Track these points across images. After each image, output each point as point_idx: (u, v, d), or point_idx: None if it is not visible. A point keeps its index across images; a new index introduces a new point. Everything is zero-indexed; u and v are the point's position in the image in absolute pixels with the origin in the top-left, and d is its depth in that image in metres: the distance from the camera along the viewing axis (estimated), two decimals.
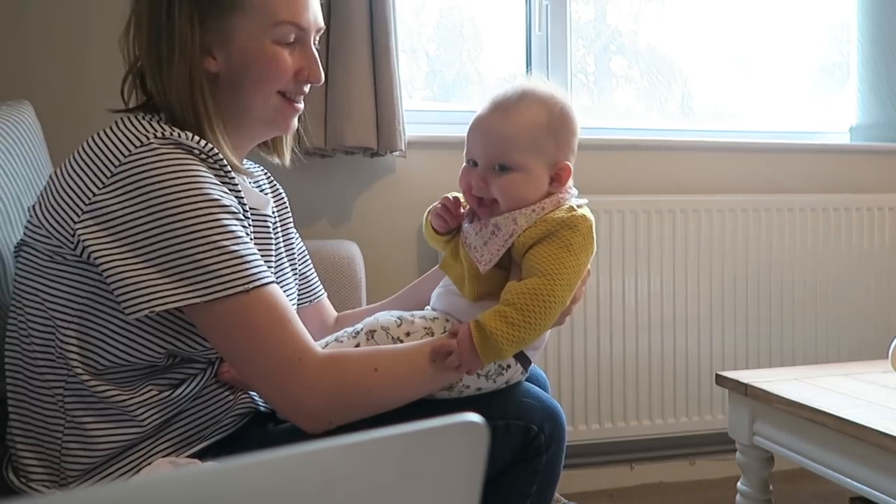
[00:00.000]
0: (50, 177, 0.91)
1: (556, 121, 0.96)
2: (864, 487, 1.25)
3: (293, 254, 1.16)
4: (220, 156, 0.88)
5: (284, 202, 1.17)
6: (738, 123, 2.34)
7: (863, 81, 2.33)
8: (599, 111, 2.23)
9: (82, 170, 0.86)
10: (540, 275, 0.89)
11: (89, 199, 0.84)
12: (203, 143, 0.87)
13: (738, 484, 1.56)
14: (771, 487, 1.54)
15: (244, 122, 0.98)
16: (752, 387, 1.47)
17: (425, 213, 1.07)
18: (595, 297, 1.95)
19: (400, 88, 1.75)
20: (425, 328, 0.96)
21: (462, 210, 1.02)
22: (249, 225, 0.90)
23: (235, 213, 0.86)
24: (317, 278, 1.21)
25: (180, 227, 0.81)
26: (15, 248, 0.94)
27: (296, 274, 1.15)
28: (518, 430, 0.93)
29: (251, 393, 0.96)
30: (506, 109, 0.95)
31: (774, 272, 2.08)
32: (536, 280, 0.89)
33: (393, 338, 0.94)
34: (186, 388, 0.91)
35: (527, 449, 0.94)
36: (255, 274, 0.83)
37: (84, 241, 0.83)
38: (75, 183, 0.86)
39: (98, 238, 0.83)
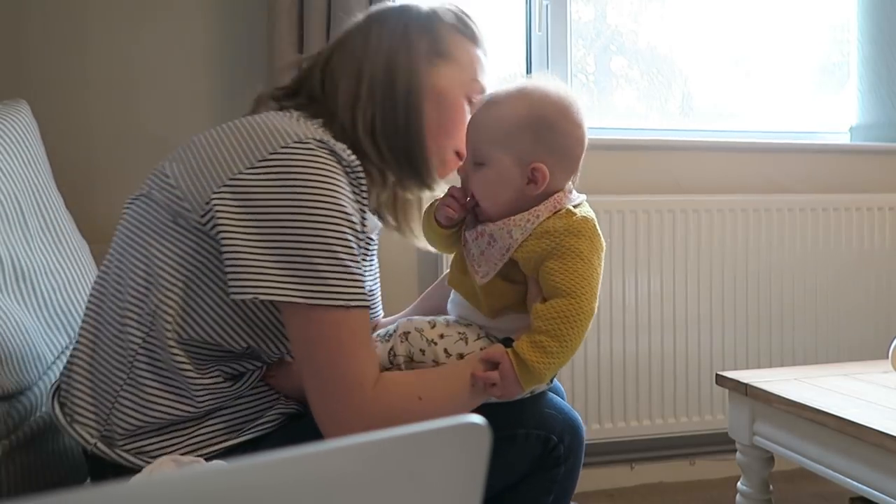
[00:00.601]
0: (192, 139, 0.93)
1: (538, 117, 0.91)
2: (865, 487, 1.25)
3: (371, 270, 1.16)
4: (362, 173, 0.89)
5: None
6: (738, 123, 2.34)
7: (863, 81, 2.33)
8: (599, 111, 2.23)
9: (232, 145, 0.87)
10: (563, 295, 0.87)
11: (232, 173, 0.85)
12: (353, 156, 0.89)
13: (739, 484, 1.56)
14: (771, 487, 1.54)
15: (410, 160, 0.99)
16: (752, 387, 1.47)
17: (424, 209, 1.06)
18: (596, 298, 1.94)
19: None
20: (459, 333, 0.95)
21: (468, 199, 1.01)
22: (363, 246, 0.91)
23: (358, 231, 0.87)
24: (379, 297, 1.22)
25: (309, 229, 0.83)
26: (130, 199, 0.95)
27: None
28: (538, 440, 0.95)
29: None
30: (493, 103, 0.94)
31: (774, 272, 2.08)
32: (562, 302, 0.87)
33: (427, 339, 0.94)
34: (244, 382, 0.92)
35: (546, 459, 0.96)
36: (358, 294, 0.84)
37: (216, 211, 0.84)
38: (222, 155, 0.87)
39: (230, 212, 0.84)
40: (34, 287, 1.15)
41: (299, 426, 0.94)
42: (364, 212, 0.90)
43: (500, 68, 2.22)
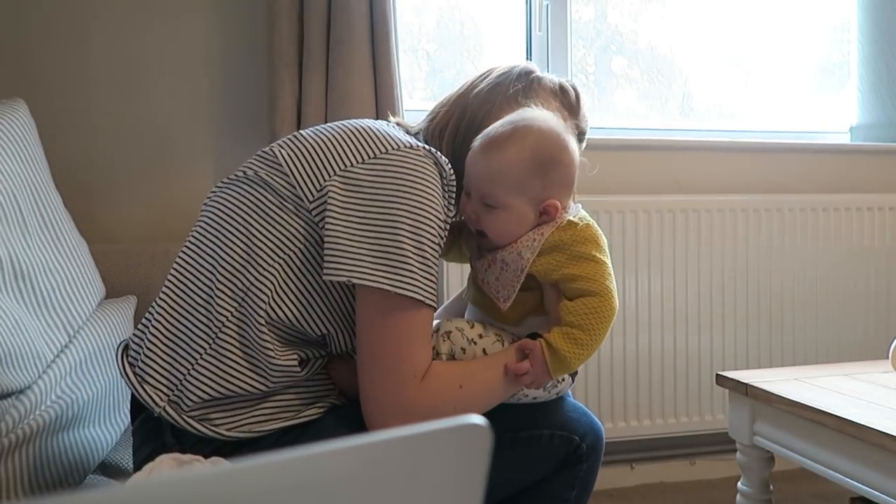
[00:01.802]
0: (302, 133, 0.99)
1: (543, 159, 0.96)
2: (865, 487, 1.25)
3: None
4: (455, 184, 0.96)
5: None
6: (738, 123, 2.34)
7: (863, 81, 2.33)
8: (600, 111, 2.23)
9: (347, 142, 0.94)
10: (591, 294, 0.94)
11: (345, 166, 0.92)
12: (451, 169, 0.95)
13: (739, 484, 1.56)
14: (771, 487, 1.54)
15: None
16: (752, 387, 1.47)
17: None
18: None
19: (400, 88, 1.75)
20: (496, 335, 1.00)
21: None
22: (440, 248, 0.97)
23: (442, 239, 0.94)
24: None
25: (408, 224, 0.89)
26: (227, 180, 0.99)
27: None
28: (562, 441, 1.04)
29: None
30: (493, 147, 0.97)
31: (774, 272, 2.08)
32: (592, 300, 0.94)
33: (468, 338, 0.98)
34: (310, 367, 0.96)
35: (569, 458, 1.05)
36: (434, 293, 0.91)
37: (330, 195, 0.90)
38: (336, 149, 0.94)
39: (339, 199, 0.90)
40: (33, 286, 1.15)
41: (345, 413, 0.97)
42: (448, 223, 0.96)
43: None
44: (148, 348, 0.95)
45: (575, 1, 2.14)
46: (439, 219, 0.92)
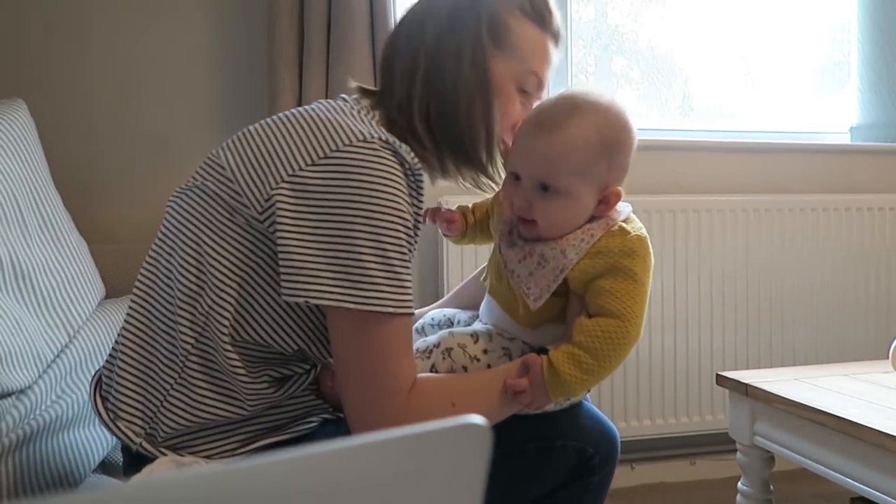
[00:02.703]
0: (248, 130, 0.89)
1: (609, 140, 0.87)
2: (865, 487, 1.25)
3: None
4: (423, 174, 0.87)
5: None
6: (739, 123, 2.34)
7: (863, 81, 2.33)
8: None
9: (293, 139, 0.85)
10: (612, 315, 0.84)
11: (293, 170, 0.82)
12: (415, 159, 0.86)
13: (739, 484, 1.56)
14: (771, 487, 1.54)
15: (458, 149, 0.96)
16: (752, 387, 1.47)
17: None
18: None
19: None
20: (504, 348, 0.92)
21: (454, 223, 1.03)
22: (414, 247, 0.89)
23: (411, 235, 0.85)
24: None
25: (366, 233, 0.80)
26: (179, 190, 0.91)
27: None
28: (574, 451, 0.96)
29: None
30: (554, 127, 0.87)
31: (774, 272, 2.08)
32: (610, 322, 0.84)
33: (471, 356, 0.91)
34: (293, 384, 0.91)
35: (581, 468, 0.97)
36: (406, 301, 0.83)
37: (278, 207, 0.81)
38: (282, 149, 0.84)
39: (290, 210, 0.81)
40: (33, 285, 1.15)
41: (337, 429, 0.93)
42: (418, 215, 0.88)
43: None
44: (118, 382, 0.90)
45: (575, 1, 2.14)
46: (403, 217, 0.83)
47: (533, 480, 0.97)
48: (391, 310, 0.81)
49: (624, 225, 0.89)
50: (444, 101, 0.92)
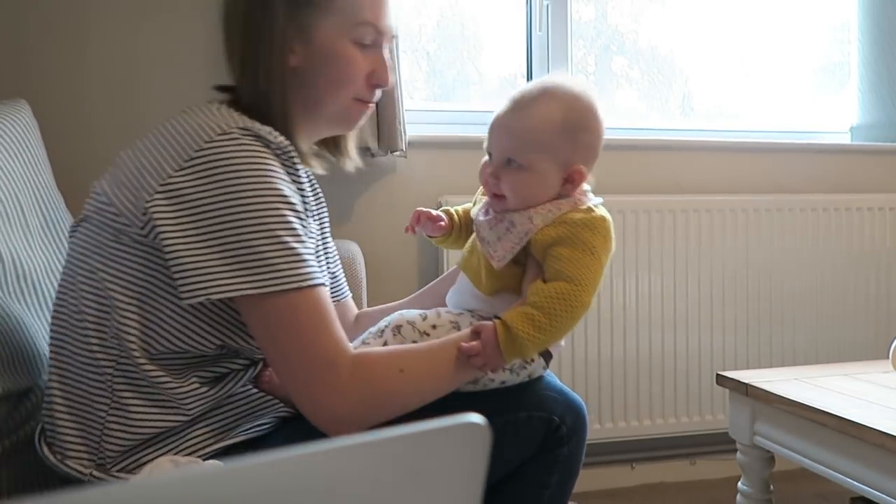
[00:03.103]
0: (120, 155, 0.92)
1: (573, 121, 0.94)
2: (865, 487, 1.25)
3: (328, 252, 1.16)
4: (294, 152, 0.89)
5: (323, 201, 1.16)
6: (739, 123, 2.34)
7: (863, 81, 2.33)
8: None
9: (158, 151, 0.86)
10: (566, 279, 0.89)
11: (163, 179, 0.83)
12: (280, 138, 0.88)
13: (739, 484, 1.56)
14: (772, 487, 1.54)
15: (313, 116, 0.98)
16: (752, 387, 1.47)
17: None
18: (595, 298, 1.94)
19: (400, 88, 1.75)
20: (451, 322, 0.96)
21: (441, 223, 1.05)
22: (309, 223, 0.90)
23: (299, 211, 0.86)
24: (344, 278, 1.22)
25: (248, 218, 0.82)
26: (72, 226, 0.94)
27: (328, 272, 1.16)
28: (541, 422, 0.96)
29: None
30: (522, 106, 0.94)
31: (774, 272, 2.08)
32: (563, 285, 0.88)
33: (419, 331, 0.94)
34: (231, 382, 0.91)
35: (548, 440, 0.97)
36: (309, 273, 0.83)
37: (154, 219, 0.83)
38: (150, 162, 0.86)
39: (168, 218, 0.82)
40: (35, 286, 1.15)
41: (297, 426, 0.93)
42: (303, 191, 0.90)
43: (501, 69, 2.22)
44: (58, 425, 0.90)
45: (575, 1, 2.14)
46: (282, 194, 0.84)
47: (501, 454, 0.96)
48: (295, 285, 0.81)
49: (591, 206, 0.95)
50: (264, 87, 0.93)
